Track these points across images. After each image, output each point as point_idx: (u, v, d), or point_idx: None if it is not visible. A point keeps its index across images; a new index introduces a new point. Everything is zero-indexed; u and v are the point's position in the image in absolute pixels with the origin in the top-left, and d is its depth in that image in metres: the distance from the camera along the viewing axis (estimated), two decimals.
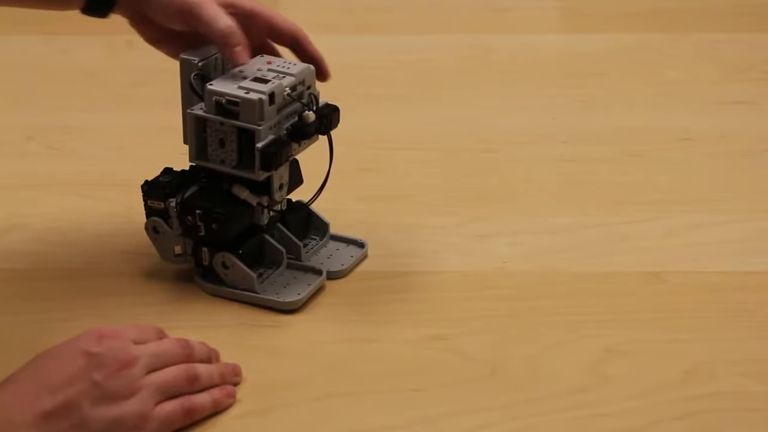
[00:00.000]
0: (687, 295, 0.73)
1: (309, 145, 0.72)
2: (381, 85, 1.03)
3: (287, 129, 0.69)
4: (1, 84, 1.03)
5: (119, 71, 1.07)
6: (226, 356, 0.67)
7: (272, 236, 0.74)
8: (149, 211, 0.73)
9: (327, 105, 0.72)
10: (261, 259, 0.73)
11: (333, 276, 0.74)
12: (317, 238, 0.77)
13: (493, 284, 0.74)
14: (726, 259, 0.76)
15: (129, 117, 0.97)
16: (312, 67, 0.71)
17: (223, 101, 0.68)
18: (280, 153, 0.68)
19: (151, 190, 0.72)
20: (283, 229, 0.74)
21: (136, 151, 0.91)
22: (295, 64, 0.71)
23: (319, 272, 0.73)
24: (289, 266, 0.74)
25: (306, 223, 0.77)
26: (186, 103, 0.71)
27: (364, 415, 0.63)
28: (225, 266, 0.71)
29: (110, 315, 0.71)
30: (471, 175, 0.88)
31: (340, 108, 0.72)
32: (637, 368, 0.66)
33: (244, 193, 0.70)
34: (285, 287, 0.72)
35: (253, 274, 0.71)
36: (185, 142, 0.70)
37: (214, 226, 0.70)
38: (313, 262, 0.75)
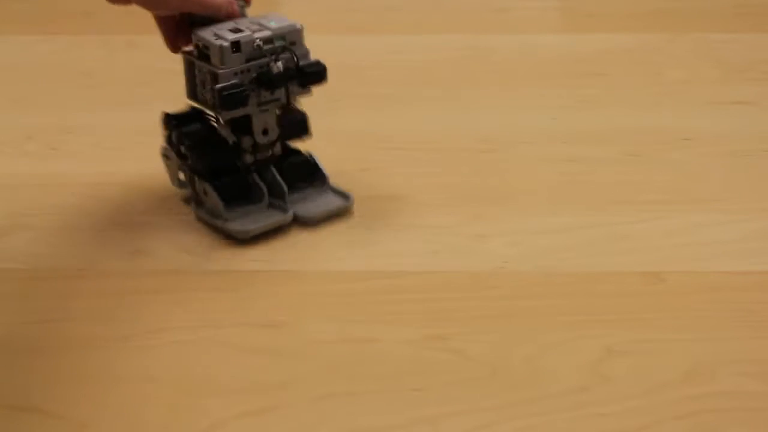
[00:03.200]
0: (687, 295, 0.73)
1: (296, 96, 0.77)
2: (381, 85, 1.03)
3: (253, 76, 0.75)
4: (1, 84, 1.04)
5: (119, 71, 1.07)
6: (226, 356, 0.67)
7: (262, 177, 0.79)
8: (166, 140, 0.81)
9: (314, 62, 0.77)
10: (236, 194, 0.78)
11: (303, 221, 0.79)
12: (313, 187, 0.81)
13: (493, 284, 0.74)
14: (726, 259, 0.76)
15: (129, 117, 0.97)
16: (299, 24, 0.77)
17: (200, 45, 0.76)
18: (239, 96, 0.75)
19: (166, 118, 0.80)
20: (275, 171, 0.79)
21: (136, 151, 0.91)
22: (284, 21, 0.77)
23: (285, 210, 0.78)
24: (271, 206, 0.79)
25: (304, 171, 0.81)
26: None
27: (364, 415, 0.63)
28: (205, 193, 0.78)
29: (111, 315, 0.71)
30: (471, 175, 0.88)
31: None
32: (638, 368, 0.66)
33: (224, 131, 0.78)
34: (246, 221, 0.78)
35: (221, 203, 0.77)
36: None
37: (194, 157, 0.78)
38: (296, 207, 0.79)
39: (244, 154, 0.79)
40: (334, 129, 0.88)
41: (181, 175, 0.81)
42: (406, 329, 0.70)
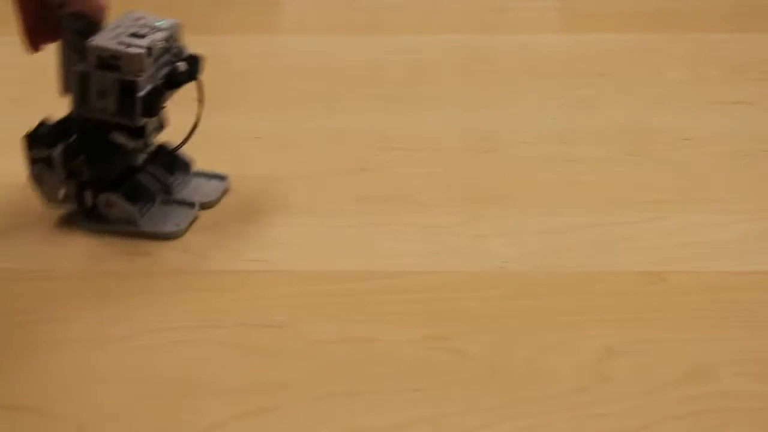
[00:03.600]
0: (687, 295, 0.73)
1: (175, 92, 0.78)
2: (381, 85, 1.03)
3: (162, 78, 0.76)
4: (1, 84, 1.03)
5: None
6: (226, 356, 0.67)
7: (146, 176, 0.81)
8: (33, 162, 0.79)
9: (192, 55, 0.78)
10: (139, 197, 0.79)
11: (205, 206, 0.81)
12: (182, 175, 0.83)
13: (493, 284, 0.74)
14: (726, 259, 0.76)
15: None
16: (179, 21, 0.78)
17: (106, 56, 0.75)
18: (159, 100, 0.76)
19: (34, 141, 0.79)
20: (156, 168, 0.81)
21: None
22: (163, 20, 0.78)
23: (192, 204, 0.81)
24: (164, 201, 0.81)
25: (172, 162, 0.83)
26: (64, 58, 0.79)
27: (364, 415, 0.63)
28: (109, 205, 0.78)
29: (111, 315, 0.71)
30: (471, 175, 0.87)
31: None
32: (638, 368, 0.66)
33: (121, 138, 0.78)
34: (164, 220, 0.79)
35: (135, 210, 0.78)
36: (62, 93, 0.78)
37: (96, 168, 0.78)
38: (185, 195, 0.81)
39: (137, 157, 0.80)
40: (334, 129, 0.88)
41: (62, 192, 0.79)
42: (406, 329, 0.70)
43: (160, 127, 0.81)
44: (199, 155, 0.84)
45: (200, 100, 0.78)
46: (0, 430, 0.63)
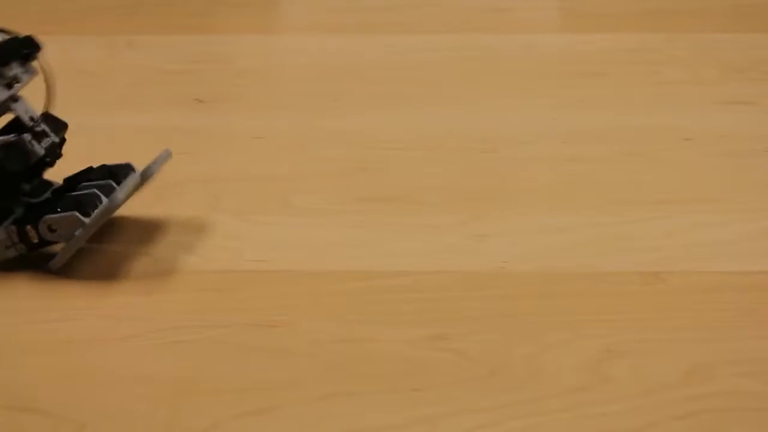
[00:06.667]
0: (687, 295, 0.73)
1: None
2: (381, 85, 1.03)
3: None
4: None
5: (119, 71, 1.07)
6: (226, 356, 0.67)
7: (83, 190, 0.76)
8: None
9: (25, 37, 0.76)
10: (80, 205, 0.75)
11: (146, 175, 0.76)
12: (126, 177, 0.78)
13: (493, 284, 0.74)
14: (726, 259, 0.76)
15: (129, 117, 0.97)
16: None
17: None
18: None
19: None
20: (94, 183, 0.77)
21: (136, 151, 0.90)
22: None
23: (130, 171, 0.76)
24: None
25: (110, 173, 0.78)
26: None
27: (364, 415, 0.63)
28: (51, 229, 0.74)
29: (112, 315, 0.71)
30: (471, 175, 0.88)
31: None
32: (638, 368, 0.66)
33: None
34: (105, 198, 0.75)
35: (75, 212, 0.73)
36: None
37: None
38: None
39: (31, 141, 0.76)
40: (334, 129, 0.88)
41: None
42: (406, 329, 0.70)
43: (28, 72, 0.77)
44: (200, 154, 0.84)
45: (47, 81, 0.75)
46: (1, 431, 0.63)
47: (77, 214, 0.74)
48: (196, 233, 0.80)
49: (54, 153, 0.77)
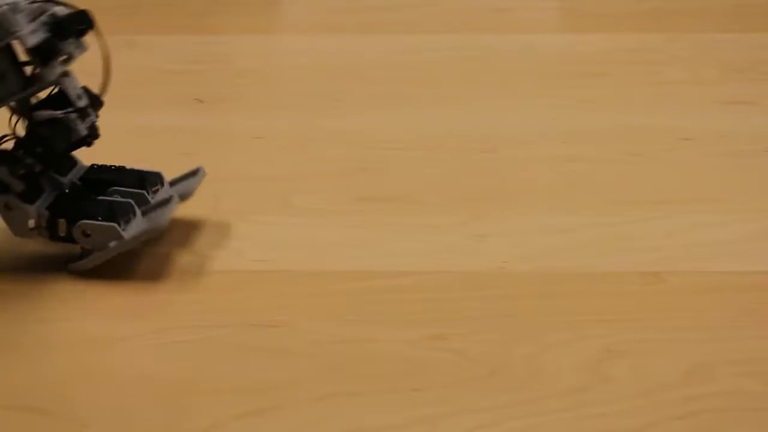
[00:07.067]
0: (687, 295, 0.73)
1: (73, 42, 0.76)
2: (381, 85, 1.03)
3: (48, 31, 0.73)
4: None
5: (119, 71, 1.06)
6: (226, 356, 0.67)
7: (118, 197, 0.76)
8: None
9: (78, 11, 0.74)
10: (116, 215, 0.74)
11: (184, 197, 0.77)
12: (155, 186, 0.79)
13: (493, 284, 0.74)
14: (726, 259, 0.76)
15: (129, 117, 0.97)
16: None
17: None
18: (51, 46, 0.73)
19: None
20: (126, 190, 0.77)
21: (136, 151, 0.91)
22: None
23: (168, 200, 0.76)
24: (144, 212, 0.76)
25: (141, 179, 0.78)
26: None
27: (364, 415, 0.63)
28: (86, 234, 0.73)
29: (112, 315, 0.71)
30: (470, 175, 0.88)
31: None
32: (638, 368, 0.66)
33: (45, 113, 0.73)
34: (148, 219, 0.75)
35: (113, 224, 0.73)
36: None
37: (42, 152, 0.72)
38: (161, 197, 0.77)
39: (75, 124, 0.75)
40: (334, 129, 0.88)
41: (31, 222, 0.75)
42: (405, 329, 0.70)
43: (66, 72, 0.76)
44: (200, 155, 0.84)
45: (103, 49, 0.74)
46: (2, 431, 0.63)
47: (117, 227, 0.73)
48: (196, 233, 0.80)
49: (94, 133, 0.76)
